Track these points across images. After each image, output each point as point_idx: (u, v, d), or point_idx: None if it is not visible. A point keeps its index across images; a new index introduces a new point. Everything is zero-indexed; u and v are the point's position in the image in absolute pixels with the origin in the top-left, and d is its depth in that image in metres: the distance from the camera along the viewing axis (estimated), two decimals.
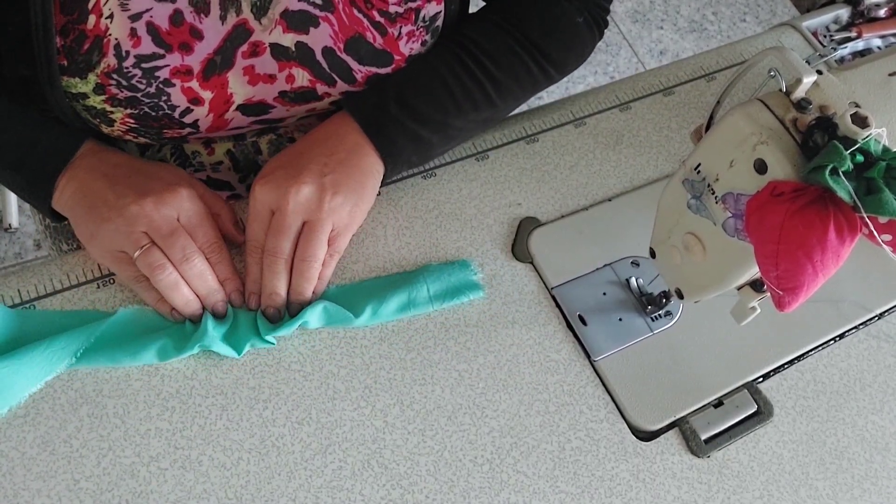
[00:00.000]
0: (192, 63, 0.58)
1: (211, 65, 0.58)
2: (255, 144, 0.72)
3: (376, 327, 0.61)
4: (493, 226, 0.68)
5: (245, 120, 0.64)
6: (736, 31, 2.00)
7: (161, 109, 0.59)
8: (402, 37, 0.62)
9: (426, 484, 0.56)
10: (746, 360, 0.65)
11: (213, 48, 0.58)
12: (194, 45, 0.57)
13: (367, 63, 0.62)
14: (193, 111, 0.60)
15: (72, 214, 0.59)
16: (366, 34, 0.61)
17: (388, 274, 0.64)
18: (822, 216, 0.43)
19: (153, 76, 0.57)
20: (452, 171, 0.70)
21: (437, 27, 0.64)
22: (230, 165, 0.73)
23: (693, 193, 0.53)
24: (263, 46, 0.59)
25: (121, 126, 0.59)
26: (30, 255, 1.44)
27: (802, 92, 0.48)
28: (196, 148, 0.71)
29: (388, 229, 0.66)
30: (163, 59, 0.56)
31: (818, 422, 0.63)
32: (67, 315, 0.58)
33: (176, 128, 0.61)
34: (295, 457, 0.56)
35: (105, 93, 0.56)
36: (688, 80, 0.80)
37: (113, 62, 0.55)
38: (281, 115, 0.65)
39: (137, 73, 0.56)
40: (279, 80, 0.61)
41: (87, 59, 0.54)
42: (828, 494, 0.61)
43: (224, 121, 0.63)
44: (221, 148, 0.71)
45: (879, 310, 0.69)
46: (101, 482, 0.53)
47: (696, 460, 0.60)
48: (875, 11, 0.83)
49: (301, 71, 0.61)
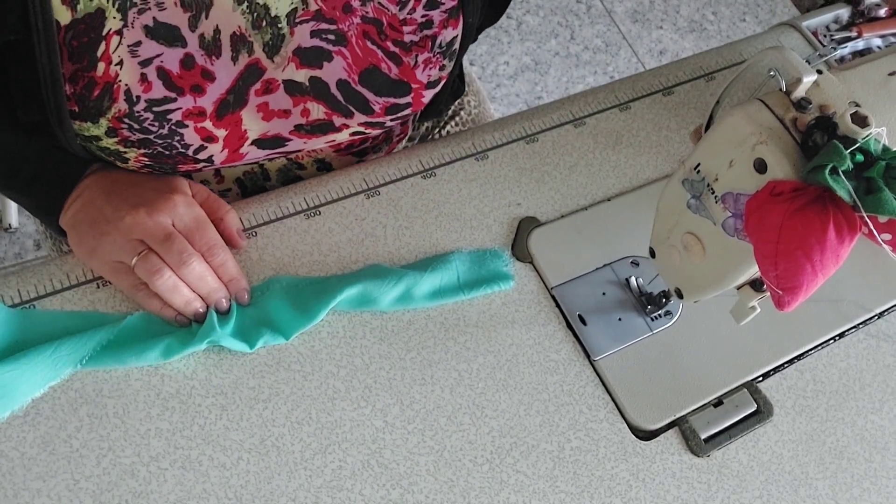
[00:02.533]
0: (204, 104, 0.57)
1: (224, 104, 0.58)
2: (266, 172, 0.72)
3: (376, 327, 0.61)
4: (493, 226, 0.68)
5: (261, 153, 0.63)
6: (736, 30, 2.00)
7: (175, 149, 0.58)
8: (418, 65, 0.61)
9: (426, 484, 0.56)
10: (746, 359, 0.65)
11: (226, 88, 0.57)
12: (206, 87, 0.56)
13: (384, 94, 0.61)
14: (208, 148, 0.60)
15: (74, 232, 0.60)
16: (380, 65, 0.60)
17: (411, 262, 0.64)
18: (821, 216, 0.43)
19: (165, 119, 0.56)
20: (452, 171, 0.70)
21: (455, 51, 0.63)
22: (238, 192, 0.74)
23: (693, 193, 0.53)
24: (276, 83, 0.58)
25: (135, 163, 0.59)
26: (30, 255, 1.44)
27: (802, 91, 0.48)
28: (206, 177, 0.71)
29: (387, 229, 0.66)
30: (175, 103, 0.56)
31: (818, 421, 0.64)
32: (72, 316, 0.58)
33: (191, 163, 0.61)
34: (295, 457, 0.56)
35: (117, 136, 0.56)
36: (687, 79, 0.80)
37: (124, 107, 0.54)
38: (298, 146, 0.64)
39: (149, 116, 0.56)
40: (294, 115, 0.61)
41: (97, 105, 0.54)
42: (827, 494, 0.61)
43: (239, 155, 0.62)
44: (231, 176, 0.72)
45: (879, 309, 0.69)
46: (101, 482, 0.53)
47: (696, 460, 0.60)
48: (875, 11, 0.83)
49: (316, 105, 0.61)
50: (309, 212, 0.66)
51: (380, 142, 0.76)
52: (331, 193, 0.67)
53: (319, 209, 0.66)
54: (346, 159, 0.75)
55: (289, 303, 0.60)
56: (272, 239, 0.64)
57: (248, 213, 0.65)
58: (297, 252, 0.64)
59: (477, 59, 1.81)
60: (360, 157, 0.76)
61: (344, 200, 0.67)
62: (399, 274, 0.61)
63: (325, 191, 0.67)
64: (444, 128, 0.91)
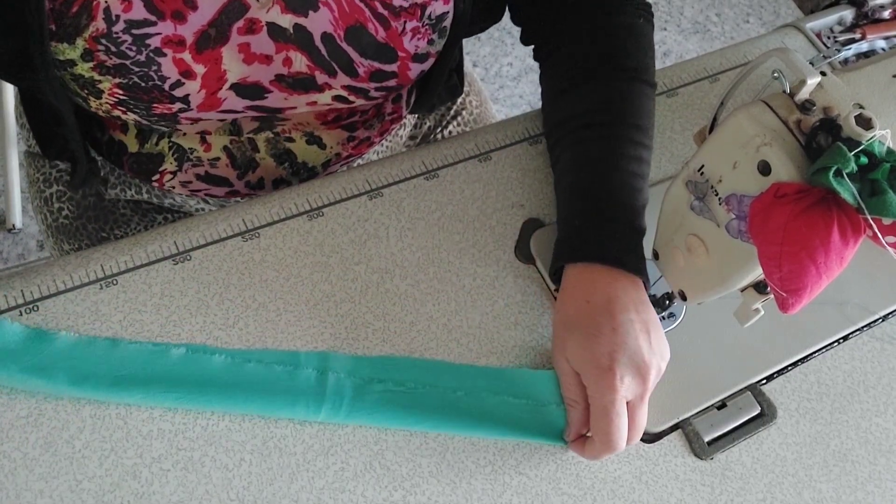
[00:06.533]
0: (184, 33, 0.56)
1: (204, 37, 0.57)
2: (252, 142, 0.72)
3: (379, 328, 0.61)
4: (496, 227, 0.68)
5: (239, 102, 0.63)
6: (739, 32, 2.00)
7: (151, 80, 0.58)
8: (406, 32, 0.61)
9: (428, 486, 0.56)
10: (750, 361, 0.64)
11: (208, 20, 0.57)
12: (188, 15, 0.56)
13: (369, 57, 0.62)
14: (185, 84, 0.59)
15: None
16: (367, 24, 0.60)
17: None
18: (825, 218, 0.43)
19: (143, 44, 0.56)
20: (455, 173, 0.70)
21: (445, 28, 0.63)
22: (228, 161, 0.73)
23: (696, 195, 0.53)
24: (260, 24, 0.58)
25: (109, 98, 0.58)
26: (33, 256, 1.44)
27: (806, 93, 0.48)
28: (192, 144, 0.71)
29: (390, 230, 0.66)
30: (154, 27, 0.55)
31: (822, 424, 0.63)
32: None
33: (166, 101, 0.60)
34: (297, 458, 0.56)
35: (93, 59, 0.55)
36: (691, 81, 0.80)
37: (102, 26, 0.54)
38: (279, 102, 0.64)
39: (127, 39, 0.55)
40: (276, 62, 0.61)
41: (75, 22, 0.53)
42: (831, 497, 0.60)
43: (217, 99, 0.62)
44: (218, 143, 0.71)
45: (883, 312, 0.69)
46: (103, 483, 0.53)
47: (700, 462, 0.60)
48: (879, 13, 0.83)
49: (299, 55, 0.60)
50: (311, 213, 0.66)
51: (370, 117, 0.76)
52: (333, 194, 0.67)
53: (322, 210, 0.66)
54: (335, 133, 0.75)
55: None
56: (274, 240, 0.64)
57: (251, 215, 0.65)
58: (300, 253, 0.64)
59: (480, 60, 1.81)
60: (350, 132, 0.75)
61: (346, 202, 0.67)
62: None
63: (327, 192, 0.67)
64: (447, 128, 0.91)
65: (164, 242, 0.62)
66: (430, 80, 0.72)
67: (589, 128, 0.63)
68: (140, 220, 0.81)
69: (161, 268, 0.61)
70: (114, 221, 0.81)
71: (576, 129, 0.64)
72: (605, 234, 0.59)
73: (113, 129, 0.73)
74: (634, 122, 0.63)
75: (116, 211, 0.81)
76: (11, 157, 1.37)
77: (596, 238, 0.59)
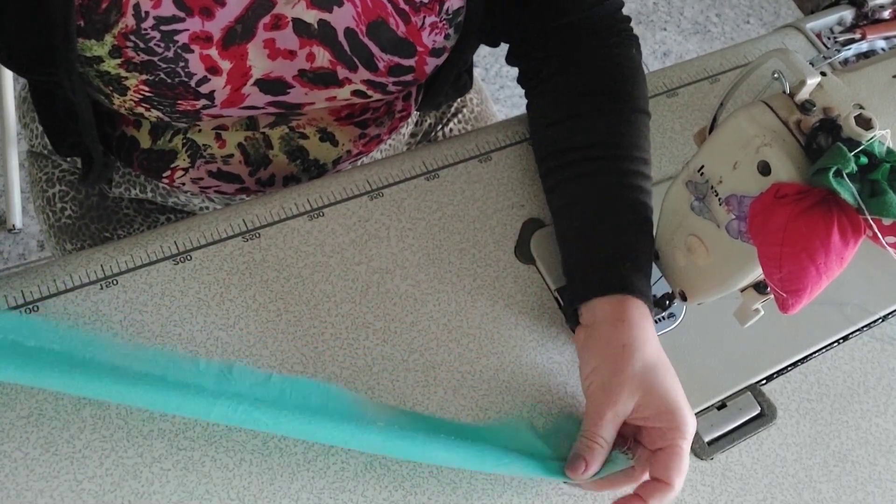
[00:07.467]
0: (212, 30, 0.57)
1: (231, 33, 0.58)
2: (267, 138, 0.72)
3: (379, 328, 0.61)
4: (496, 227, 0.68)
5: (262, 98, 0.63)
6: (739, 32, 2.00)
7: (178, 76, 0.58)
8: (425, 27, 0.62)
9: (429, 486, 0.56)
10: (750, 362, 0.65)
11: (235, 16, 0.57)
12: (216, 11, 0.56)
13: (389, 52, 0.62)
14: (210, 81, 0.59)
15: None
16: (388, 20, 0.60)
17: None
18: (825, 218, 0.43)
19: (172, 40, 0.56)
20: (455, 173, 0.70)
21: (460, 22, 0.64)
22: (241, 158, 0.73)
23: (696, 195, 0.53)
24: (286, 20, 0.59)
25: (134, 95, 0.58)
26: (33, 256, 1.44)
27: (806, 94, 0.48)
28: (207, 141, 0.71)
29: (391, 231, 0.66)
30: (182, 23, 0.56)
31: (822, 424, 0.63)
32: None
33: (191, 98, 0.60)
34: (298, 458, 0.56)
35: (121, 56, 0.55)
36: (691, 81, 0.80)
37: (131, 23, 0.54)
38: (299, 98, 0.64)
39: (156, 35, 0.55)
40: (299, 58, 0.61)
41: (104, 18, 0.53)
42: (831, 497, 0.60)
43: (241, 95, 0.62)
44: (233, 140, 0.71)
45: (883, 312, 0.69)
46: (103, 483, 0.53)
47: (699, 462, 0.60)
48: (879, 13, 0.83)
49: (322, 50, 0.61)
50: (312, 213, 0.66)
51: (381, 115, 0.76)
52: (334, 195, 0.67)
53: (322, 210, 0.66)
54: (348, 130, 0.75)
55: None
56: (275, 240, 0.64)
57: (251, 215, 0.65)
58: (301, 253, 0.64)
59: (480, 60, 1.81)
60: (362, 129, 0.76)
61: (347, 202, 0.67)
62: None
63: (328, 192, 0.67)
64: (448, 125, 0.91)
65: (165, 242, 0.62)
66: (439, 78, 0.72)
67: (596, 161, 0.63)
68: (143, 220, 0.81)
69: (161, 268, 0.61)
70: (117, 221, 0.81)
71: (579, 161, 0.64)
72: (633, 268, 0.59)
73: (125, 125, 0.73)
74: (640, 154, 0.63)
75: (119, 211, 0.81)
76: (11, 157, 1.36)
77: (634, 273, 0.58)
